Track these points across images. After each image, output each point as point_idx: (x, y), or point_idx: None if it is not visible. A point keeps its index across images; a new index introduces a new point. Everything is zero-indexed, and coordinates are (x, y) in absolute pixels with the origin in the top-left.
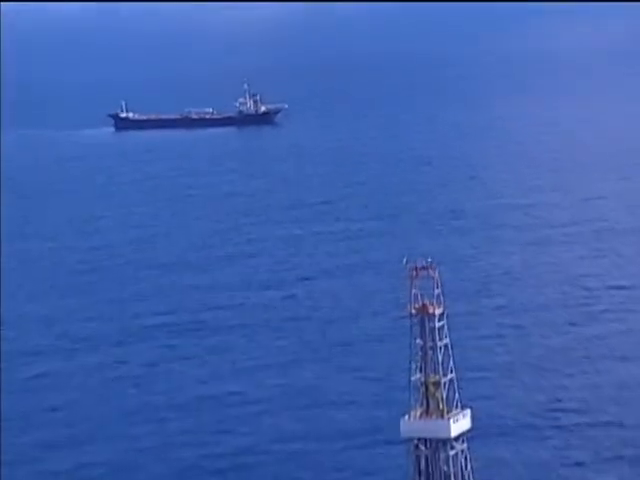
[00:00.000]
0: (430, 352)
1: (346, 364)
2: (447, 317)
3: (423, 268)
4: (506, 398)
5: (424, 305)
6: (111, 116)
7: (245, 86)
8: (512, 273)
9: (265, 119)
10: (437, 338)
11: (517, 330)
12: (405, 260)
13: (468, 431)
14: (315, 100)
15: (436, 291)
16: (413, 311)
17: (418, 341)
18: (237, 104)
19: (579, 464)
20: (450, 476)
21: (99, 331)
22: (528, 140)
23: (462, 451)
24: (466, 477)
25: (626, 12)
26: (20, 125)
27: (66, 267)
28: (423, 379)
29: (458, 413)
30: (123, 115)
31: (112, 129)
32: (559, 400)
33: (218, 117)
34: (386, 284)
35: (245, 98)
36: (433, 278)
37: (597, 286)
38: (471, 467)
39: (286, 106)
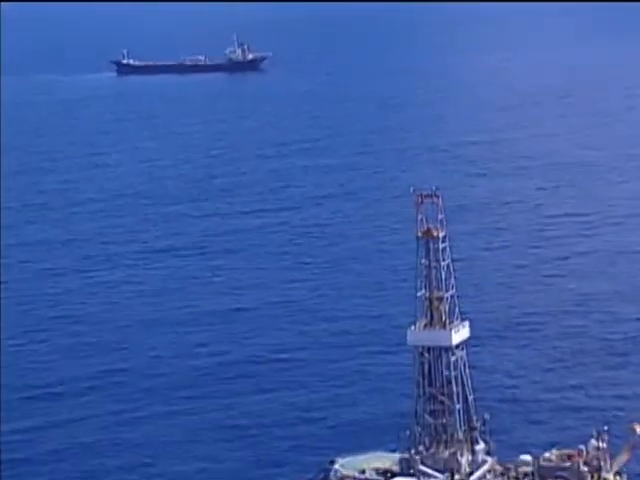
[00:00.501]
0: (434, 271)
1: (342, 282)
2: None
3: (428, 196)
4: (484, 312)
5: (429, 229)
6: (114, 62)
7: (234, 36)
8: (481, 202)
9: (252, 66)
10: (440, 258)
11: (487, 252)
12: (412, 189)
13: (467, 340)
14: (297, 50)
15: (440, 216)
16: (419, 234)
17: (423, 261)
18: (227, 52)
19: (548, 370)
20: (451, 379)
21: (115, 252)
22: (480, 84)
23: (461, 357)
24: (464, 380)
25: None
26: (33, 71)
27: (81, 198)
28: (428, 294)
29: (458, 324)
30: (125, 62)
31: (114, 74)
32: (527, 314)
33: (210, 64)
34: (370, 210)
35: (234, 47)
36: (437, 205)
37: (555, 213)
38: (469, 371)
39: (270, 54)
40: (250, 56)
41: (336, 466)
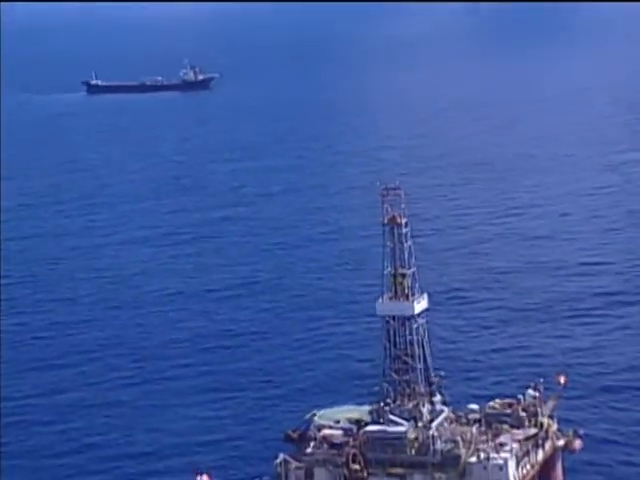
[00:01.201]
0: (398, 252)
1: (299, 263)
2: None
3: (392, 189)
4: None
5: (393, 216)
6: (84, 83)
7: (186, 60)
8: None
9: (202, 85)
10: (404, 241)
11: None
12: (378, 183)
13: (426, 309)
14: (240, 72)
15: (402, 206)
16: (385, 221)
17: (389, 243)
18: (181, 74)
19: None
20: (413, 343)
21: (99, 243)
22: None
23: (422, 324)
24: (424, 343)
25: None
26: (14, 90)
27: (66, 197)
28: (393, 271)
29: (419, 296)
30: (93, 82)
31: (84, 93)
32: (456, 289)
33: (167, 84)
34: (315, 203)
35: (187, 69)
36: (400, 196)
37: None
38: (428, 336)
39: (217, 75)
40: (201, 77)
41: (315, 417)
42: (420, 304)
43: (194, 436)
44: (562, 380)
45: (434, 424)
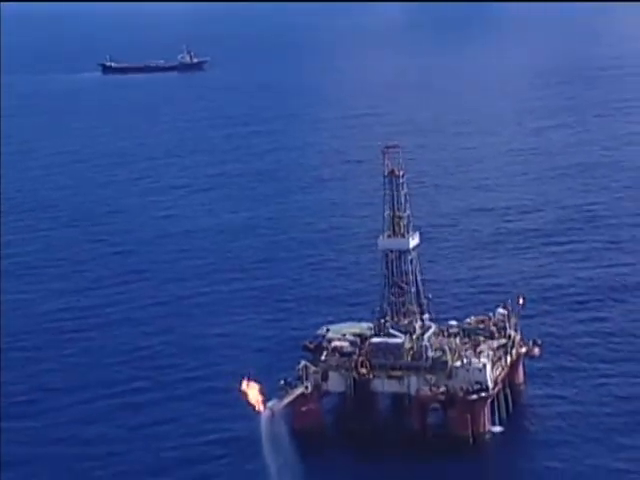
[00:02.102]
0: (396, 196)
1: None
2: None
3: (392, 147)
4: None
5: (393, 170)
6: (99, 64)
7: (184, 46)
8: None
9: (197, 67)
10: (401, 189)
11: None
12: (384, 147)
13: (418, 245)
14: (230, 56)
15: (400, 160)
16: (386, 173)
17: (388, 192)
18: (179, 57)
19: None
20: (408, 271)
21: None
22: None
23: (415, 256)
24: (416, 271)
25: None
26: (38, 72)
27: (90, 163)
28: (392, 214)
29: (413, 234)
30: (107, 64)
31: (100, 73)
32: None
33: (167, 65)
34: (306, 159)
35: (184, 53)
36: (398, 153)
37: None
38: (419, 266)
39: (209, 59)
40: (195, 60)
41: (320, 331)
42: (413, 240)
43: (228, 346)
44: (521, 301)
45: (425, 336)
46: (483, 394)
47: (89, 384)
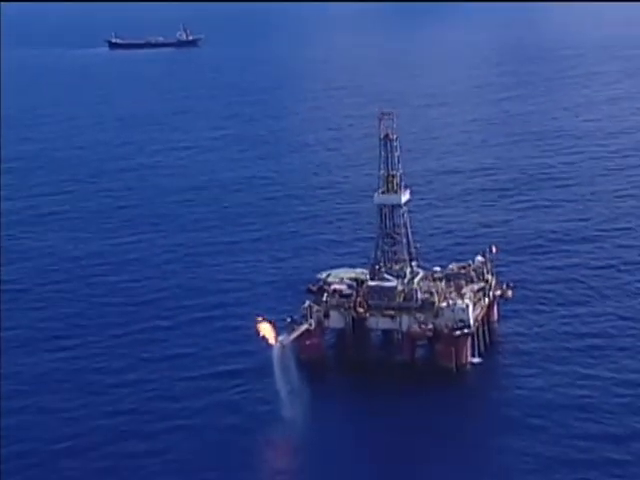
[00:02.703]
0: (390, 157)
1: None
2: None
3: (387, 113)
4: None
5: (387, 134)
6: (106, 41)
7: (181, 25)
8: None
9: (193, 43)
10: (394, 151)
11: None
12: (377, 109)
13: (409, 200)
14: (225, 34)
15: (394, 126)
16: (381, 137)
17: (383, 153)
18: (177, 35)
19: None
20: (399, 223)
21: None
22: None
23: (406, 210)
24: (407, 224)
25: None
26: (44, 45)
27: (104, 126)
28: (385, 173)
29: (404, 191)
30: (113, 40)
31: (107, 49)
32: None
33: (166, 42)
34: (293, 126)
35: (181, 31)
36: (392, 118)
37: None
38: (409, 219)
39: (203, 36)
40: (191, 37)
41: (320, 276)
42: (405, 196)
43: (238, 289)
44: (494, 249)
45: (415, 280)
46: (465, 331)
47: (114, 322)
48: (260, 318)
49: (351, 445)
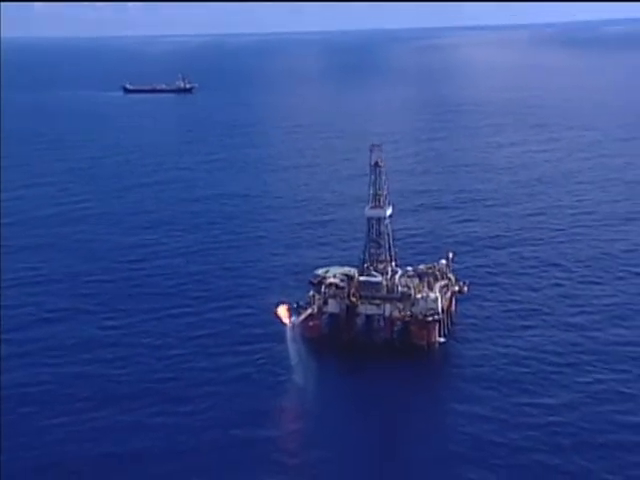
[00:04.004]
0: (377, 179)
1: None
2: None
3: (376, 145)
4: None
5: (377, 162)
6: (122, 86)
7: (179, 75)
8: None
9: (189, 90)
10: (383, 177)
11: None
12: (371, 145)
13: (391, 214)
14: (215, 81)
15: (382, 156)
16: (372, 164)
17: (372, 177)
18: (177, 82)
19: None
20: (384, 233)
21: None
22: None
23: (389, 222)
24: (389, 232)
25: None
26: (72, 88)
27: (123, 156)
28: (374, 191)
29: (389, 206)
30: (127, 86)
31: (121, 93)
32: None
33: (168, 88)
34: (271, 153)
35: (180, 80)
36: (380, 150)
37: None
38: (391, 229)
39: (197, 85)
40: (188, 85)
41: (319, 272)
42: (388, 211)
43: (252, 278)
44: (451, 255)
45: (396, 277)
46: (436, 317)
47: (146, 302)
48: (278, 302)
49: (343, 403)
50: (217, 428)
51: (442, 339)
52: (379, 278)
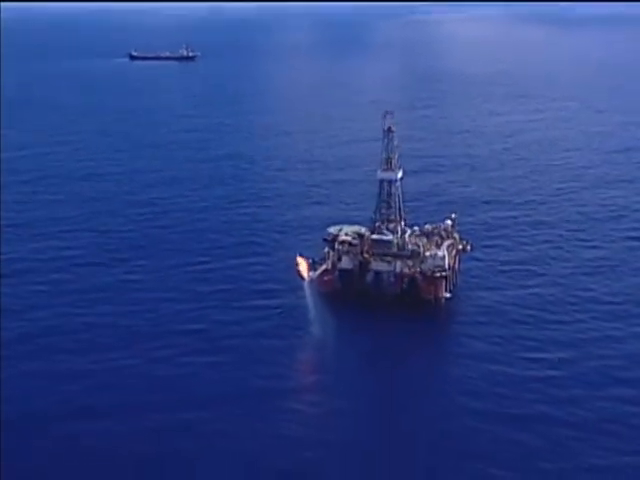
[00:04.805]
0: (390, 144)
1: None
2: None
3: (389, 112)
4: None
5: (389, 127)
6: (127, 54)
7: (184, 45)
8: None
9: (191, 58)
10: (393, 140)
11: None
12: (384, 112)
13: (402, 176)
14: (216, 51)
15: (393, 121)
16: (385, 129)
17: (385, 141)
18: (180, 51)
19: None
20: (394, 194)
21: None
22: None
23: (400, 184)
24: (400, 194)
25: None
26: (81, 57)
27: (131, 120)
28: (386, 155)
29: (399, 169)
30: (133, 53)
31: (127, 59)
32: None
33: (171, 56)
34: (270, 120)
35: (183, 48)
36: (392, 116)
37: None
38: (401, 190)
39: (199, 53)
40: (190, 53)
41: (331, 229)
42: (399, 174)
43: (271, 232)
44: (453, 215)
45: (406, 235)
46: (443, 273)
47: (163, 255)
48: (298, 256)
49: (357, 355)
50: (236, 380)
51: (448, 294)
52: (390, 236)
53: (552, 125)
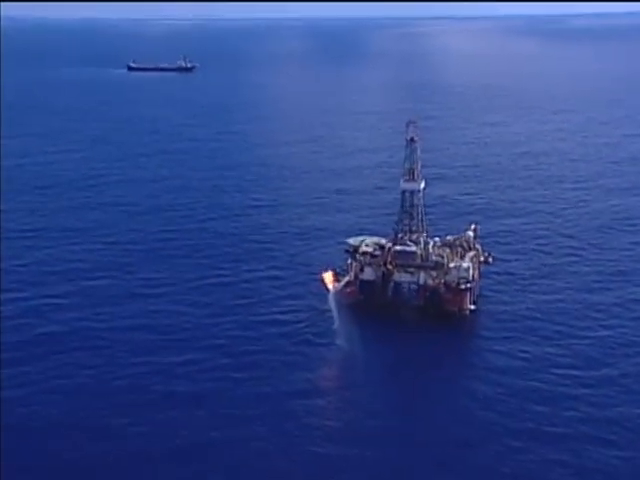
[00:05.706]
0: (412, 154)
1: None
2: None
3: (412, 122)
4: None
5: (412, 137)
6: (126, 65)
7: (181, 55)
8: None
9: (189, 69)
10: (417, 151)
11: None
12: (407, 121)
13: (424, 188)
14: (213, 64)
15: (417, 131)
16: (408, 139)
17: (408, 152)
18: (178, 62)
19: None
20: (418, 205)
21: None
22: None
23: (422, 195)
24: (422, 205)
25: None
26: (83, 65)
27: (130, 130)
28: (409, 166)
29: (421, 180)
30: (131, 65)
31: (126, 70)
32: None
33: (170, 67)
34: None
35: (181, 60)
36: (416, 126)
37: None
38: (424, 201)
39: (198, 64)
40: (189, 65)
41: (350, 241)
42: (422, 184)
43: (291, 241)
44: (474, 227)
45: (429, 246)
46: (468, 285)
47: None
48: (324, 269)
49: (382, 366)
50: (266, 383)
51: (472, 306)
52: (413, 247)
53: (558, 137)
